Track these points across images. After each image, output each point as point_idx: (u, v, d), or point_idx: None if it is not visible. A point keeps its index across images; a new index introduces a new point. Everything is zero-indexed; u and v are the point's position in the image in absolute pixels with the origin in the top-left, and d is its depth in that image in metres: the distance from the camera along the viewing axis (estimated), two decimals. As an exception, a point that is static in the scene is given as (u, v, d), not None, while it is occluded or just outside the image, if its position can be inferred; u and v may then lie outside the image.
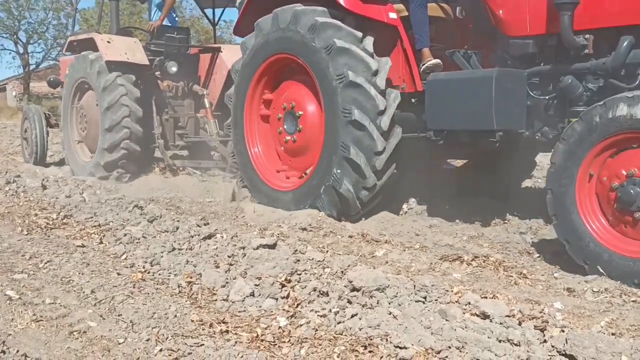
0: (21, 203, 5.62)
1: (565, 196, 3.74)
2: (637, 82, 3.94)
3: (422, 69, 4.93)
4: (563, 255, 3.88)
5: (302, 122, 5.29)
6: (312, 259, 3.64)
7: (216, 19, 9.76)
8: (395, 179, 5.10)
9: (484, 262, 3.88)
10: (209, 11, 9.91)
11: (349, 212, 4.97)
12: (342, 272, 3.42)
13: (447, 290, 3.10)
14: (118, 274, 3.45)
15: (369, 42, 4.90)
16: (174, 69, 8.26)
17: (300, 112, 5.30)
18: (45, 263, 3.63)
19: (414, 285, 3.09)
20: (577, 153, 3.69)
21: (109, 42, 7.84)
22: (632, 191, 3.49)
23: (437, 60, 4.91)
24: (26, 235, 4.37)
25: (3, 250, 3.94)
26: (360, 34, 4.89)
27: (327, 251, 3.99)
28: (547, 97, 4.44)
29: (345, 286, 3.13)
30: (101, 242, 4.23)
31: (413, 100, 5.04)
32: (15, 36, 41.85)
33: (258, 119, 5.73)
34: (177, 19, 9.28)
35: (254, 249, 3.80)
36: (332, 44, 4.80)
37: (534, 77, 4.50)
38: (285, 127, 5.45)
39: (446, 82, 4.63)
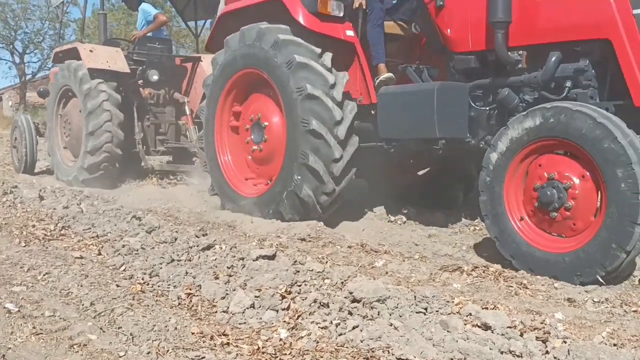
0: (19, 214, 5.61)
1: (494, 197, 4.12)
2: (564, 94, 4.25)
3: (376, 83, 5.19)
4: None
5: (268, 133, 5.51)
6: (312, 269, 3.63)
7: (199, 31, 10.18)
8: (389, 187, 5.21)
9: (483, 272, 3.88)
10: (192, 23, 10.31)
11: (310, 216, 5.14)
12: (342, 283, 3.41)
13: (448, 301, 3.09)
14: (117, 285, 3.44)
15: (327, 57, 5.14)
16: (155, 77, 8.60)
17: (266, 123, 5.52)
18: (44, 275, 3.61)
19: (415, 296, 3.09)
20: (506, 156, 4.06)
21: (91, 51, 8.14)
22: (548, 192, 3.84)
23: (390, 74, 5.20)
24: (24, 246, 4.35)
25: (1, 262, 3.91)
26: (319, 50, 5.14)
27: (327, 262, 3.97)
28: (488, 108, 4.75)
29: (345, 297, 3.12)
30: (99, 254, 4.22)
31: (372, 112, 5.25)
32: (11, 46, 41.89)
33: (228, 130, 5.94)
34: (165, 35, 9.64)
35: (254, 260, 3.79)
36: (292, 59, 5.04)
37: (476, 89, 4.80)
38: (252, 137, 5.67)
39: (395, 94, 4.96)
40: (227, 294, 3.26)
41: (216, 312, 3.08)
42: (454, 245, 4.77)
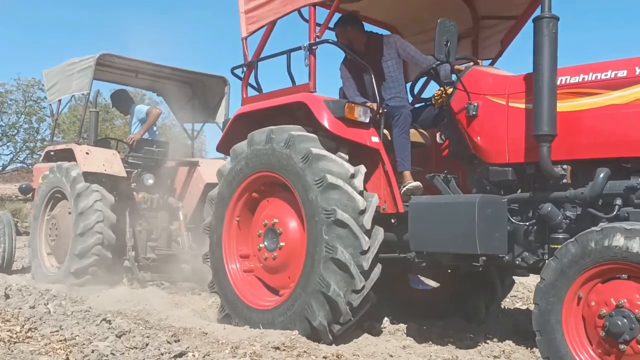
0: (-18, 313, 5.42)
1: (551, 314, 3.78)
2: (614, 213, 4.08)
3: (402, 191, 5.09)
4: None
5: (284, 239, 5.33)
6: (288, 381, 3.56)
7: (195, 134, 10.12)
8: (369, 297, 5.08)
9: (460, 388, 3.84)
10: (188, 126, 10.28)
11: (340, 320, 4.87)
12: (319, 397, 3.35)
13: (427, 419, 3.04)
14: (86, 395, 3.32)
15: (360, 174, 5.02)
16: (151, 181, 8.46)
17: (281, 230, 5.35)
18: (9, 381, 3.47)
19: (394, 413, 3.04)
20: (568, 273, 3.77)
21: (87, 153, 8.01)
22: (619, 322, 3.53)
23: (418, 183, 5.11)
24: (-12, 349, 4.20)
25: (-37, 366, 3.76)
26: (352, 170, 5.00)
27: (302, 373, 3.91)
28: (527, 223, 4.56)
29: (323, 412, 3.06)
30: (67, 359, 4.07)
31: (393, 220, 5.15)
32: (-17, 138, 41.79)
33: (237, 237, 5.75)
34: (156, 131, 9.57)
35: (228, 370, 3.71)
36: (323, 177, 4.88)
37: (513, 203, 4.64)
38: (265, 244, 5.48)
39: (429, 205, 4.73)
40: (200, 406, 3.17)
41: None
42: (428, 358, 4.70)
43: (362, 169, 5.07)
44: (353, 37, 5.89)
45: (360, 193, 4.90)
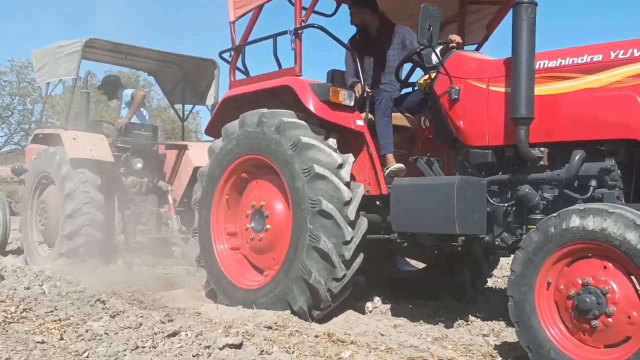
0: (-23, 294, 5.46)
1: (525, 303, 3.86)
2: (589, 194, 4.19)
3: (386, 173, 5.17)
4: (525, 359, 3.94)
5: (270, 221, 5.40)
6: (279, 360, 3.62)
7: (185, 115, 10.07)
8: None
9: (449, 365, 3.91)
10: (178, 106, 10.22)
11: (320, 305, 4.98)
12: (309, 374, 3.41)
13: (414, 396, 3.11)
14: (80, 373, 3.37)
15: (347, 165, 5.10)
16: (139, 165, 8.47)
17: (268, 212, 5.43)
18: (4, 360, 3.52)
19: (381, 390, 3.10)
20: (535, 261, 3.85)
21: (74, 139, 7.99)
22: (587, 299, 3.61)
23: (401, 165, 5.20)
24: (-17, 329, 4.24)
25: (-42, 345, 3.81)
26: (337, 156, 5.07)
27: (294, 352, 3.97)
28: (505, 205, 4.64)
29: (312, 390, 3.12)
30: (62, 339, 4.13)
31: (378, 202, 5.22)
32: (-23, 119, 41.63)
33: (225, 216, 5.82)
34: (146, 116, 9.52)
35: (220, 349, 3.77)
36: (311, 167, 4.96)
37: (493, 185, 4.72)
38: (252, 225, 5.55)
39: (410, 187, 4.82)
40: (192, 384, 3.23)
41: (181, 403, 3.04)
42: (419, 337, 4.79)
43: (350, 158, 5.13)
44: (368, 20, 5.94)
45: (347, 184, 4.97)
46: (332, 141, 5.19)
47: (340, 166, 5.00)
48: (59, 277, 6.64)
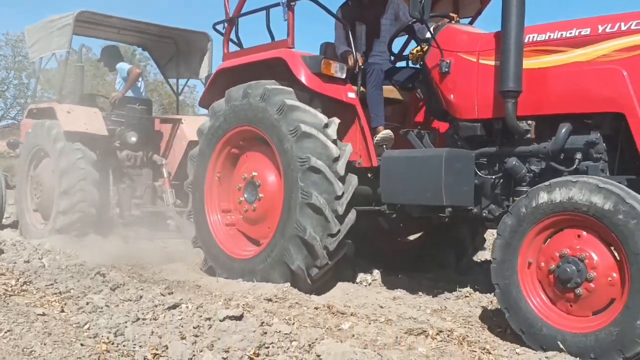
0: (-23, 268, 5.47)
1: (511, 287, 3.91)
2: (574, 166, 4.23)
3: (375, 141, 5.22)
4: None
5: (262, 190, 5.48)
6: (279, 331, 3.63)
7: (179, 89, 10.11)
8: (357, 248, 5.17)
9: (448, 336, 3.93)
10: (172, 81, 10.25)
11: (317, 263, 5.02)
12: (309, 345, 3.43)
13: (414, 366, 3.14)
14: (82, 344, 3.39)
15: (333, 124, 5.15)
16: (134, 139, 8.43)
17: (259, 182, 5.51)
18: (5, 332, 3.52)
19: (382, 360, 3.13)
20: (512, 244, 3.91)
21: (68, 112, 7.98)
22: (567, 269, 3.67)
23: (389, 131, 5.24)
24: (-16, 302, 4.26)
25: (-40, 318, 3.82)
26: (325, 120, 5.13)
27: (294, 323, 3.99)
28: (493, 177, 4.70)
29: (313, 360, 3.15)
30: (62, 311, 4.14)
31: (369, 175, 5.27)
32: (-27, 94, 41.38)
33: (218, 189, 5.90)
34: (142, 91, 9.45)
35: (220, 321, 3.77)
36: (297, 127, 5.02)
37: (481, 157, 4.77)
38: (245, 196, 5.62)
39: (399, 159, 4.87)
40: (194, 355, 3.25)
41: (183, 373, 3.06)
42: (418, 308, 4.82)
43: (336, 119, 5.18)
44: None
45: (334, 142, 5.03)
46: (317, 106, 5.24)
47: (326, 125, 5.07)
48: (58, 250, 6.66)
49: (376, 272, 5.84)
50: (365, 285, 5.56)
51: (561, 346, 3.63)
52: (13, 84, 40.14)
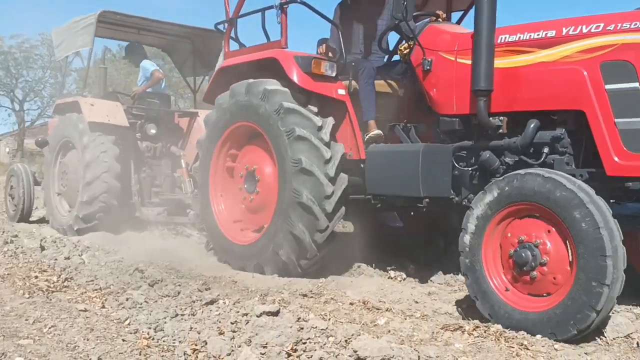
0: (20, 264, 5.62)
1: (475, 258, 4.22)
2: (542, 159, 4.53)
3: (365, 139, 5.44)
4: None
5: (261, 183, 5.77)
6: (316, 327, 3.65)
7: (196, 86, 10.48)
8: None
9: (484, 332, 3.91)
10: (190, 79, 10.66)
11: (307, 255, 5.32)
12: (346, 341, 3.44)
13: (452, 362, 3.13)
14: (123, 340, 3.46)
15: (327, 127, 5.43)
16: (153, 131, 8.95)
17: (259, 177, 5.79)
18: (50, 328, 3.63)
19: (419, 356, 3.13)
20: (482, 219, 4.20)
21: (92, 105, 8.43)
22: (523, 254, 3.95)
23: (379, 132, 5.48)
24: (28, 298, 4.38)
25: (6, 314, 3.94)
26: (319, 122, 5.39)
27: (330, 319, 4.00)
28: (470, 169, 5.02)
29: (350, 356, 3.16)
30: (103, 307, 4.24)
31: (362, 165, 5.48)
32: (12, 93, 42.33)
33: (223, 176, 6.21)
34: (163, 85, 9.87)
35: (257, 316, 3.82)
36: (292, 129, 5.29)
37: (460, 150, 5.07)
38: (245, 186, 5.92)
39: (382, 153, 5.26)
40: (232, 350, 3.29)
41: (222, 369, 3.10)
42: (453, 304, 4.80)
43: (330, 120, 5.42)
44: None
45: (327, 144, 5.28)
46: (312, 106, 5.47)
47: (320, 128, 5.32)
48: (97, 247, 6.81)
49: (411, 267, 5.83)
50: (400, 281, 5.55)
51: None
52: (49, 83, 40.90)
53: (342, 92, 5.52)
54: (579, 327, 3.69)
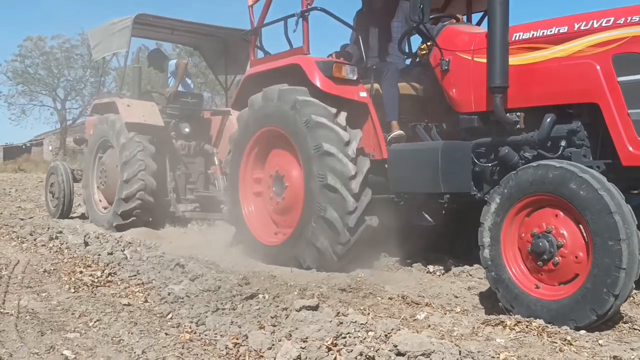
0: (66, 260, 5.77)
1: (495, 249, 4.25)
2: (559, 152, 4.60)
3: (388, 139, 5.53)
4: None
5: (289, 186, 5.90)
6: (355, 321, 3.66)
7: (228, 85, 10.68)
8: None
9: (526, 327, 3.86)
10: (222, 77, 10.85)
11: (340, 240, 5.38)
12: (386, 335, 3.44)
13: (493, 357, 3.10)
14: (166, 334, 3.53)
15: (342, 116, 5.56)
16: (187, 130, 9.23)
17: (283, 173, 5.96)
18: (95, 322, 3.72)
19: (460, 351, 3.10)
20: (500, 213, 4.23)
21: (128, 105, 8.70)
22: (540, 243, 3.99)
23: (401, 132, 5.60)
24: (73, 292, 4.49)
25: (53, 308, 4.05)
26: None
27: (369, 313, 4.01)
28: (490, 165, 5.10)
29: (390, 351, 3.15)
30: (146, 301, 4.33)
31: (386, 165, 5.54)
32: (54, 93, 43.33)
33: (252, 181, 6.39)
34: (191, 85, 10.22)
35: (297, 311, 3.84)
36: (320, 145, 5.40)
37: (479, 147, 5.17)
38: (274, 190, 6.07)
39: (404, 151, 5.37)
40: (273, 344, 3.32)
41: (263, 363, 3.13)
42: (494, 299, 4.74)
43: (359, 134, 5.53)
44: None
45: (353, 160, 5.34)
46: (342, 118, 5.55)
47: (348, 143, 5.39)
48: (139, 242, 6.94)
49: (450, 262, 5.79)
50: (439, 275, 5.52)
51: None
52: (90, 82, 41.72)
53: (363, 94, 5.65)
54: (598, 313, 3.72)
